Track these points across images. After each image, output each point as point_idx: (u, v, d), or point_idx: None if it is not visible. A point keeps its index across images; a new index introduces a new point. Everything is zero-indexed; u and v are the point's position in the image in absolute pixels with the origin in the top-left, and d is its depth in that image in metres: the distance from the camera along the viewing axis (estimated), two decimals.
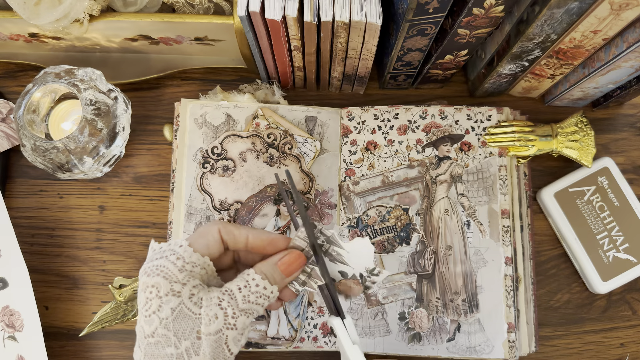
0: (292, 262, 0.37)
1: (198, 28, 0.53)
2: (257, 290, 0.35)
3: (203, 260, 0.36)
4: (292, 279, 0.37)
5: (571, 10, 0.42)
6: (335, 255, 0.38)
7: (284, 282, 0.37)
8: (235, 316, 0.34)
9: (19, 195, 0.60)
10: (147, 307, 0.34)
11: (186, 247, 0.36)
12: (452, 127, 0.57)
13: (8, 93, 0.62)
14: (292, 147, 0.57)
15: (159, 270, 0.34)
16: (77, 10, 0.50)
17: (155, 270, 0.34)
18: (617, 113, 0.62)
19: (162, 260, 0.35)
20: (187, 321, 0.33)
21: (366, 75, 0.57)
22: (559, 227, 0.57)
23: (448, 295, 0.54)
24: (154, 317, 0.33)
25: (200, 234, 0.37)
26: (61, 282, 0.59)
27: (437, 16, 0.43)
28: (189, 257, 0.35)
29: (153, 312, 0.34)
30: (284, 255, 0.37)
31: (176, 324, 0.33)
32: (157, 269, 0.34)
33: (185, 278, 0.34)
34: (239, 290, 0.35)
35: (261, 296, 0.35)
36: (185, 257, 0.35)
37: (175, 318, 0.33)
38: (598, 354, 0.58)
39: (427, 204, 0.56)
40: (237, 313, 0.34)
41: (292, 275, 0.37)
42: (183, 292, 0.34)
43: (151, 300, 0.34)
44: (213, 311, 0.33)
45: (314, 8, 0.45)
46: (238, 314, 0.34)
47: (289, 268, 0.37)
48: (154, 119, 0.62)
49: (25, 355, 0.53)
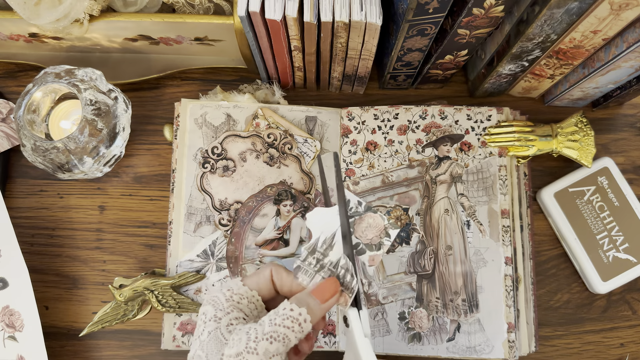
0: (325, 287, 0.37)
1: (198, 28, 0.53)
2: (284, 313, 0.35)
3: (250, 294, 0.38)
4: (329, 305, 0.37)
5: (571, 10, 0.42)
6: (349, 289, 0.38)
7: (320, 308, 0.37)
8: (257, 340, 0.34)
9: (19, 195, 0.60)
10: (196, 332, 0.36)
11: (237, 281, 0.38)
12: (452, 127, 0.57)
13: (8, 93, 0.62)
14: (292, 147, 0.57)
15: (211, 299, 0.37)
16: (77, 10, 0.50)
17: (209, 300, 0.37)
18: (617, 113, 0.62)
19: (217, 292, 0.38)
20: (217, 344, 0.34)
21: (366, 75, 0.57)
22: (559, 227, 0.57)
23: (448, 295, 0.54)
24: (197, 341, 0.36)
25: (254, 273, 0.40)
26: (61, 282, 0.59)
27: (437, 16, 0.43)
28: (237, 289, 0.38)
29: (198, 337, 0.36)
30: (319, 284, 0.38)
31: (209, 346, 0.35)
32: (211, 299, 0.37)
33: (229, 307, 0.36)
34: (268, 318, 0.35)
35: (288, 318, 0.35)
36: (234, 289, 0.37)
37: (210, 340, 0.35)
38: (598, 354, 0.58)
39: (427, 204, 0.56)
40: (259, 337, 0.34)
41: (328, 302, 0.37)
42: (223, 320, 0.36)
43: (199, 327, 0.36)
44: (239, 336, 0.34)
45: (314, 8, 0.45)
46: (261, 338, 0.34)
47: (322, 293, 0.37)
48: (154, 119, 0.62)
49: (25, 355, 0.53)
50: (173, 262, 0.55)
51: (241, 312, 0.37)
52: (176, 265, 0.55)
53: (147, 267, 0.59)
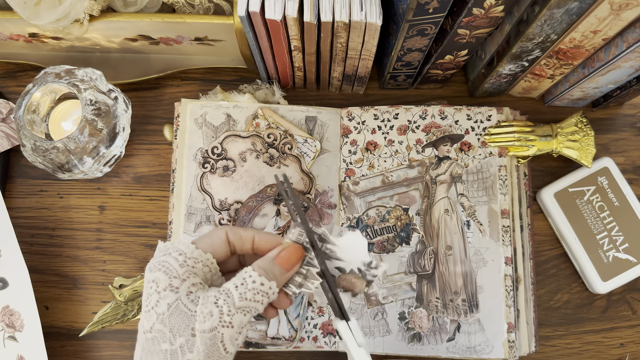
0: (289, 255, 0.36)
1: (198, 28, 0.53)
2: (254, 287, 0.34)
3: (205, 257, 0.35)
4: (291, 274, 0.37)
5: (571, 10, 0.42)
6: (329, 253, 0.37)
7: (284, 277, 0.36)
8: (230, 314, 0.33)
9: (19, 195, 0.60)
10: (147, 303, 0.34)
11: (189, 244, 0.36)
12: (452, 127, 0.57)
13: (8, 93, 0.62)
14: (292, 147, 0.57)
15: (161, 265, 0.34)
16: (77, 10, 0.50)
17: (158, 265, 0.34)
18: (617, 113, 0.62)
19: (166, 257, 0.35)
20: (182, 318, 0.33)
21: (366, 75, 0.57)
22: (559, 227, 0.57)
23: (448, 295, 0.54)
24: (152, 313, 0.33)
25: (206, 235, 0.37)
26: (61, 282, 0.59)
27: (437, 16, 0.43)
28: (190, 252, 0.35)
29: (152, 308, 0.33)
30: (281, 250, 0.36)
31: (172, 320, 0.33)
32: (159, 264, 0.34)
33: (185, 274, 0.34)
34: (235, 288, 0.34)
35: (259, 292, 0.34)
36: (187, 253, 0.35)
37: (172, 314, 0.33)
38: (598, 354, 0.58)
39: (427, 204, 0.56)
40: (232, 311, 0.33)
41: (291, 270, 0.36)
42: (181, 289, 0.33)
43: (151, 296, 0.34)
44: (208, 309, 0.33)
45: (314, 8, 0.45)
46: (234, 312, 0.33)
47: (287, 262, 0.36)
48: (154, 119, 0.62)
49: (25, 355, 0.53)
50: None
51: (197, 277, 0.34)
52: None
53: None
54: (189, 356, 0.32)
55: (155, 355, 0.33)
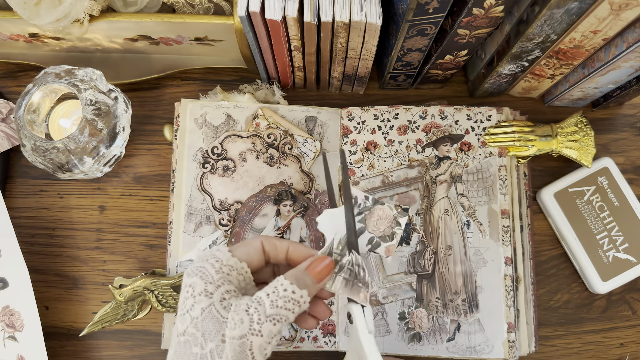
0: (320, 265, 0.37)
1: (198, 28, 0.53)
2: (285, 295, 0.34)
3: (240, 266, 0.36)
4: (322, 285, 0.37)
5: (571, 10, 0.42)
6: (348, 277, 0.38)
7: (315, 287, 0.36)
8: (260, 322, 0.33)
9: (19, 195, 0.60)
10: (183, 306, 0.35)
11: (226, 252, 0.36)
12: (452, 127, 0.57)
13: (8, 93, 0.62)
14: (292, 147, 0.57)
15: (198, 270, 0.35)
16: (77, 10, 0.50)
17: (195, 270, 0.35)
18: (617, 113, 0.62)
19: (203, 263, 0.36)
20: (214, 323, 0.33)
21: (366, 75, 0.57)
22: (559, 227, 0.57)
23: (448, 295, 0.54)
24: (186, 316, 0.34)
25: (243, 243, 0.38)
26: (61, 282, 0.59)
27: (437, 16, 0.43)
28: (226, 260, 0.36)
29: (187, 311, 0.34)
30: (313, 261, 0.37)
31: (204, 325, 0.33)
32: (197, 269, 0.35)
33: (220, 280, 0.35)
34: (267, 296, 0.34)
35: (290, 300, 0.34)
36: (223, 260, 0.36)
37: (204, 318, 0.33)
38: (598, 354, 0.58)
39: (427, 204, 0.56)
40: (262, 319, 0.33)
41: (322, 281, 0.37)
42: (215, 294, 0.34)
43: (187, 300, 0.34)
44: (239, 316, 0.33)
45: (314, 8, 0.45)
46: (264, 320, 0.33)
47: (318, 273, 0.37)
48: (154, 119, 0.62)
49: (25, 355, 0.53)
50: (173, 262, 0.55)
51: (231, 285, 0.35)
52: (176, 265, 0.55)
53: (147, 267, 0.59)
54: None
55: (187, 358, 0.33)
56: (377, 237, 0.41)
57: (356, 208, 0.40)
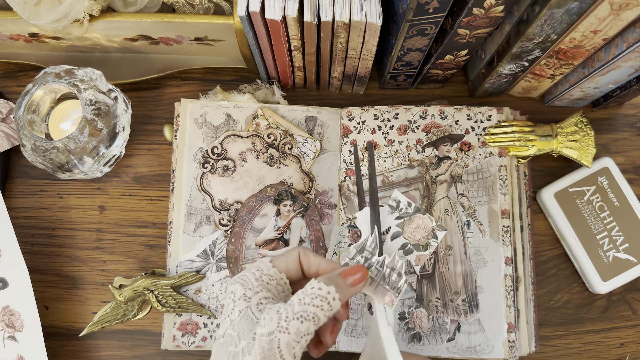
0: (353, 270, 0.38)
1: (198, 28, 0.53)
2: (312, 292, 0.35)
3: (279, 276, 0.38)
4: (356, 290, 0.38)
5: (571, 10, 0.42)
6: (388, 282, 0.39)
7: (349, 291, 0.37)
8: (288, 319, 0.34)
9: (19, 195, 0.60)
10: (225, 311, 0.37)
11: (266, 262, 0.39)
12: (452, 127, 0.57)
13: (8, 93, 0.62)
14: (292, 147, 0.57)
15: (240, 278, 0.38)
16: (77, 10, 0.50)
17: (237, 279, 0.38)
18: (617, 113, 0.62)
19: (246, 272, 0.38)
20: (248, 323, 0.35)
21: (366, 75, 0.57)
22: (559, 227, 0.57)
23: (448, 295, 0.54)
24: (227, 320, 0.36)
25: (282, 254, 0.40)
26: (61, 282, 0.59)
27: (437, 16, 0.43)
28: (267, 270, 0.38)
29: (227, 315, 0.36)
30: (348, 268, 0.38)
31: (240, 325, 0.35)
32: (239, 278, 0.38)
33: (259, 287, 0.37)
34: (297, 297, 0.36)
35: (317, 297, 0.35)
36: (264, 270, 0.38)
37: (241, 320, 0.35)
38: (598, 354, 0.58)
39: (427, 204, 0.56)
40: (290, 316, 0.34)
41: (355, 287, 0.38)
42: (253, 299, 0.36)
43: (228, 305, 0.36)
44: (270, 315, 0.35)
45: (314, 8, 0.45)
46: (291, 318, 0.34)
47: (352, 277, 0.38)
48: (154, 119, 0.62)
49: (25, 355, 0.53)
50: (173, 262, 0.55)
51: (270, 292, 0.37)
52: (176, 265, 0.55)
53: (147, 267, 0.59)
54: (247, 358, 0.34)
55: (223, 356, 0.34)
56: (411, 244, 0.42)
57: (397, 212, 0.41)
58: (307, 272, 0.40)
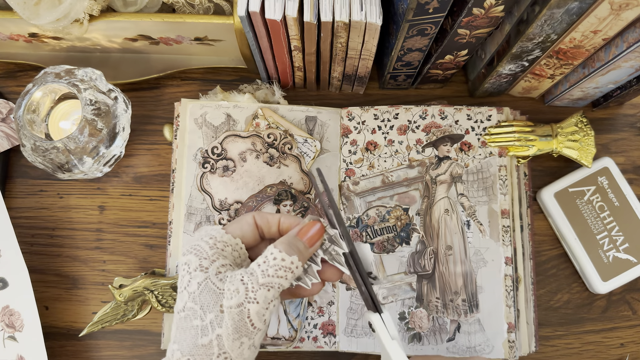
0: (310, 229, 0.37)
1: (198, 28, 0.53)
2: (275, 264, 0.35)
3: (234, 242, 0.37)
4: (315, 248, 0.38)
5: (571, 10, 0.42)
6: (334, 255, 0.38)
7: (308, 251, 0.37)
8: (254, 290, 0.34)
9: (19, 195, 0.60)
10: (181, 284, 0.36)
11: (219, 229, 0.37)
12: (452, 127, 0.57)
13: (8, 93, 0.62)
14: (292, 147, 0.57)
15: (192, 248, 0.36)
16: (77, 10, 0.50)
17: (190, 249, 0.36)
18: (617, 113, 0.62)
19: (198, 241, 0.37)
20: (211, 295, 0.34)
21: (366, 75, 0.57)
22: (559, 227, 0.57)
23: (448, 295, 0.54)
24: (184, 292, 0.35)
25: (235, 220, 0.39)
26: (61, 282, 0.59)
27: (437, 16, 0.43)
28: (220, 237, 0.37)
29: (184, 288, 0.35)
30: (303, 226, 0.38)
31: (202, 298, 0.34)
32: (192, 248, 0.36)
33: (214, 255, 0.36)
34: (258, 266, 0.35)
35: (281, 268, 0.35)
36: (217, 237, 0.37)
37: (201, 292, 0.34)
38: (598, 354, 0.58)
39: (427, 204, 0.56)
40: (256, 287, 0.34)
41: (314, 245, 0.37)
42: (210, 269, 0.35)
43: (184, 277, 0.35)
44: (235, 286, 0.34)
45: (314, 8, 0.45)
46: (257, 288, 0.34)
47: (310, 238, 0.37)
48: (154, 119, 0.62)
49: (25, 355, 0.53)
50: (173, 262, 0.55)
51: (226, 259, 0.36)
52: (176, 265, 0.55)
53: (147, 267, 0.59)
54: (218, 331, 0.34)
55: (188, 332, 0.34)
56: None
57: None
58: (268, 232, 0.39)
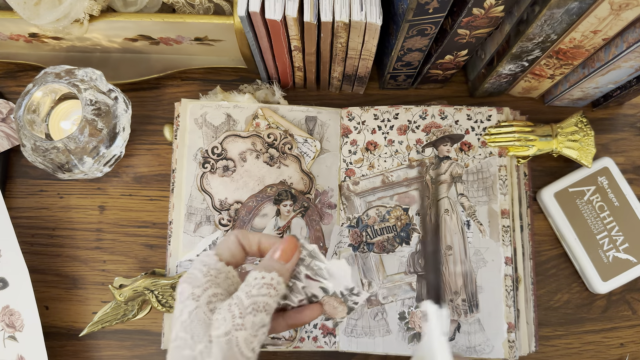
0: (285, 247, 0.38)
1: (198, 28, 0.53)
2: (256, 283, 0.35)
3: (226, 269, 0.37)
4: (292, 264, 0.38)
5: (571, 10, 0.42)
6: (316, 270, 0.38)
7: (285, 268, 0.37)
8: (242, 315, 0.34)
9: (19, 195, 0.60)
10: (175, 313, 0.36)
11: (212, 256, 0.37)
12: (452, 127, 0.57)
13: (8, 93, 0.62)
14: (292, 147, 0.57)
15: (187, 277, 0.36)
16: (77, 10, 0.50)
17: (185, 277, 0.36)
18: (617, 113, 0.62)
19: (193, 269, 0.37)
20: (201, 325, 0.34)
21: (366, 75, 0.57)
22: (559, 227, 0.57)
23: (448, 295, 0.54)
24: (177, 322, 0.35)
25: (222, 241, 0.39)
26: (61, 282, 0.59)
27: (437, 16, 0.43)
28: (213, 264, 0.37)
29: (177, 317, 0.35)
30: (278, 245, 0.38)
31: (192, 327, 0.34)
32: (187, 276, 0.36)
33: (207, 283, 0.36)
34: (242, 291, 0.35)
35: (262, 286, 0.35)
36: (210, 264, 0.37)
37: (192, 321, 0.34)
38: (598, 354, 0.58)
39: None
40: (243, 312, 0.34)
41: (291, 261, 0.38)
42: (202, 297, 0.35)
43: (177, 306, 0.36)
44: (222, 315, 0.34)
45: (314, 8, 0.45)
46: (245, 313, 0.34)
47: (284, 254, 0.37)
48: (154, 119, 0.62)
49: (25, 355, 0.53)
50: (173, 262, 0.55)
51: (219, 288, 0.36)
52: (176, 265, 0.55)
53: (147, 267, 0.59)
54: None
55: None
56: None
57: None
58: (249, 250, 0.39)
